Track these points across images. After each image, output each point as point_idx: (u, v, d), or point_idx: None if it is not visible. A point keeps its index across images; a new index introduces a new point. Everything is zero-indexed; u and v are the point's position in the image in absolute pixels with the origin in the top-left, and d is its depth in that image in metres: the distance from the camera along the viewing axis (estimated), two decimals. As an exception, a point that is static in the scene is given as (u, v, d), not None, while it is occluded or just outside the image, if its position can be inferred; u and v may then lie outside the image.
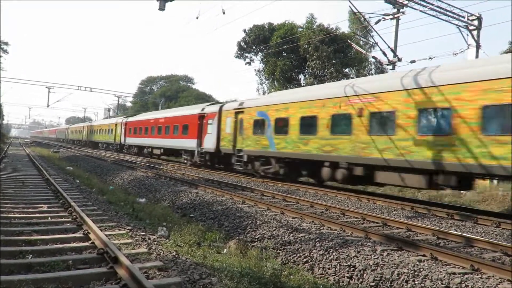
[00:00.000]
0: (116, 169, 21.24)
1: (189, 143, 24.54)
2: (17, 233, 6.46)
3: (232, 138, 19.86)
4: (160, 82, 77.24)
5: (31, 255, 5.33)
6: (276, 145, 16.62)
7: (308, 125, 15.07)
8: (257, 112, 18.03)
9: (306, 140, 15.11)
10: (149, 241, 6.60)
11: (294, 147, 15.66)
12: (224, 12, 16.47)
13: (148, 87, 78.84)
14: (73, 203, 8.70)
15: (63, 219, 7.71)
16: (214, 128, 21.64)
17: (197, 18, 18.28)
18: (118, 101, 59.58)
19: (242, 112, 19.26)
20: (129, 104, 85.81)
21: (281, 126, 16.42)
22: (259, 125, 17.89)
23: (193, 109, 25.78)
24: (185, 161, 26.20)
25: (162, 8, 12.36)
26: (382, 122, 12.44)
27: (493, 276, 5.56)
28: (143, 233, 7.10)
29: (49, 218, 7.77)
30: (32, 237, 6.19)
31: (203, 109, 23.74)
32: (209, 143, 22.12)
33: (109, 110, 76.70)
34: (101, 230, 6.54)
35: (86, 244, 6.04)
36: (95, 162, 25.31)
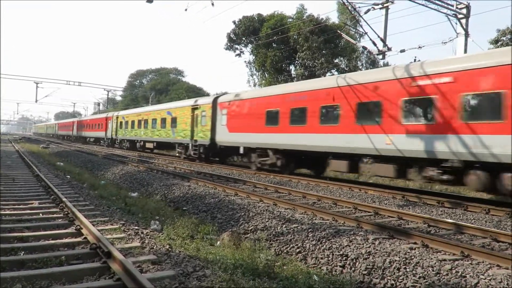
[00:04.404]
0: (107, 163, 21.12)
1: (102, 134, 45.04)
2: (9, 230, 6.40)
3: (116, 130, 39.95)
4: (150, 75, 76.60)
5: (23, 252, 5.29)
6: (128, 133, 36.16)
7: (139, 124, 33.38)
8: (122, 117, 38.16)
9: (139, 130, 33.43)
10: (142, 235, 6.59)
11: (132, 134, 35.14)
12: (213, 4, 16.37)
13: (138, 81, 78.18)
14: (64, 199, 8.65)
15: (54, 215, 7.66)
16: (110, 126, 41.69)
17: (185, 10, 18.20)
18: (108, 95, 58.96)
19: (118, 117, 39.36)
20: (119, 98, 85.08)
21: (129, 124, 36.00)
22: (124, 124, 37.61)
23: (104, 114, 46.69)
24: (103, 143, 45.05)
25: (149, 0, 12.24)
26: (164, 123, 28.49)
27: (483, 262, 5.66)
28: (136, 227, 7.09)
29: (41, 214, 7.71)
30: (24, 234, 6.14)
31: (107, 114, 44.65)
32: (109, 134, 42.34)
33: (98, 104, 76.00)
34: (93, 225, 6.52)
35: (79, 239, 6.01)
36: (85, 157, 25.12)
